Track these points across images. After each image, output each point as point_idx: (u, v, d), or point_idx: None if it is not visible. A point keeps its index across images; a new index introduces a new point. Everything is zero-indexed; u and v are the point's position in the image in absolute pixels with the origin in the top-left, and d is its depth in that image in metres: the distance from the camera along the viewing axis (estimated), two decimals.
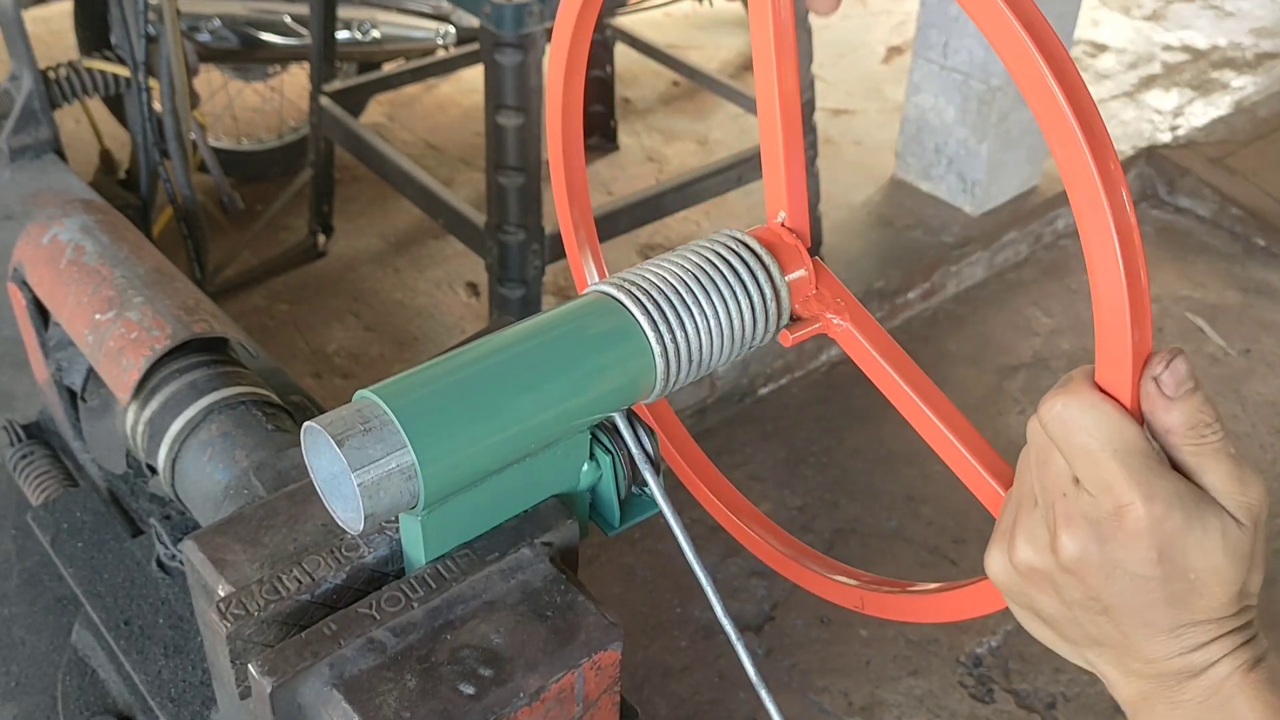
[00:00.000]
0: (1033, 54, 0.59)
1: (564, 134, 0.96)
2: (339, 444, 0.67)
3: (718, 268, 0.79)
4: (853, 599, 0.88)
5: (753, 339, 0.81)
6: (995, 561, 0.69)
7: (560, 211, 1.00)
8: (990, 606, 0.77)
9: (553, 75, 0.94)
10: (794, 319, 0.82)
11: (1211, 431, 0.62)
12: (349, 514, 0.71)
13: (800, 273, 0.82)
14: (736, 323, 0.79)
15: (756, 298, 0.79)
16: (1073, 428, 0.63)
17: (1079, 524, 0.63)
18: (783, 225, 0.83)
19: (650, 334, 0.75)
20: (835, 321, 0.82)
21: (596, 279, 1.00)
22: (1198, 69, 4.15)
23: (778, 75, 0.82)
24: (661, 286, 0.77)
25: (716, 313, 0.78)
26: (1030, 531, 0.66)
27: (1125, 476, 0.61)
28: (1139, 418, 0.62)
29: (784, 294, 0.80)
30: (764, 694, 0.79)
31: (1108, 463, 0.61)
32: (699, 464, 0.99)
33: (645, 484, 0.82)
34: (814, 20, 2.91)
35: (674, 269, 0.79)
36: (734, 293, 0.79)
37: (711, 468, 0.99)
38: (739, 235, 0.81)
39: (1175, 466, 0.63)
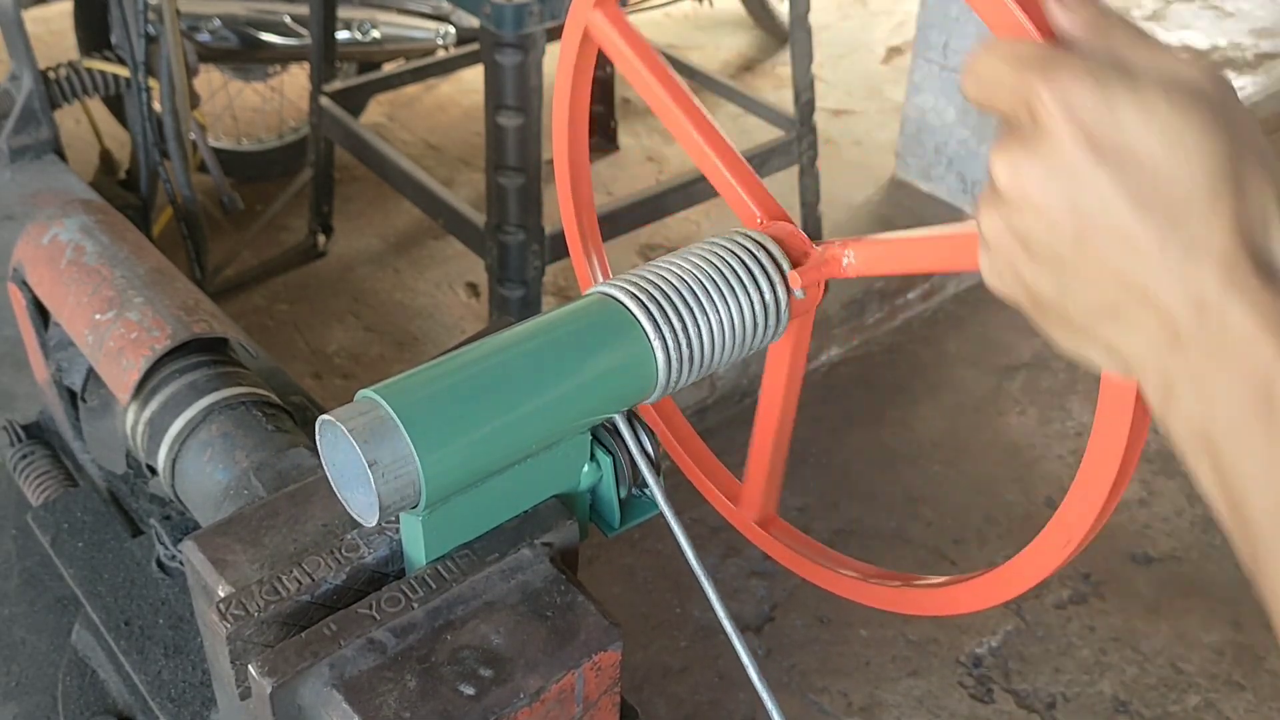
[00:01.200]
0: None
1: (570, 136, 0.96)
2: (356, 437, 0.67)
3: (722, 268, 0.79)
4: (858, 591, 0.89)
5: (757, 339, 0.81)
6: (983, 263, 0.61)
7: (565, 214, 1.00)
8: (1001, 597, 0.77)
9: (560, 77, 0.94)
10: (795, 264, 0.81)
11: (1117, 25, 0.53)
12: (363, 507, 0.71)
13: (809, 276, 0.81)
14: (740, 323, 0.79)
15: (758, 297, 0.79)
16: (975, 67, 0.54)
17: (1005, 144, 0.54)
18: (764, 223, 0.83)
19: (652, 335, 0.75)
20: (845, 261, 0.80)
21: (600, 281, 1.00)
22: None
23: (670, 96, 0.84)
24: (664, 287, 0.77)
25: (719, 313, 0.78)
26: (985, 200, 0.57)
27: (1019, 70, 0.52)
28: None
29: (785, 276, 0.80)
30: (765, 694, 0.79)
31: (1005, 70, 0.53)
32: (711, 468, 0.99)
33: (645, 485, 0.82)
34: (814, 21, 2.92)
35: (677, 269, 0.79)
36: (737, 292, 0.78)
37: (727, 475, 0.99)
38: (747, 233, 0.81)
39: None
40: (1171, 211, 0.50)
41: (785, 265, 0.80)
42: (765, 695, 0.79)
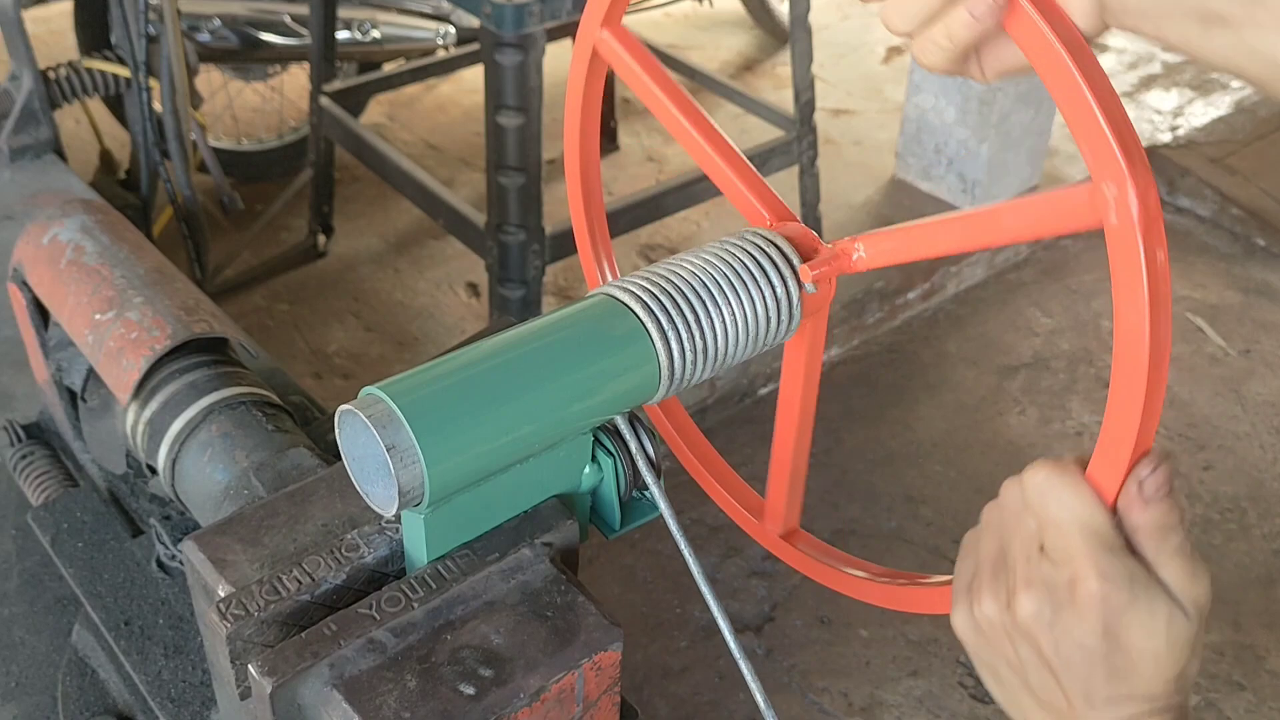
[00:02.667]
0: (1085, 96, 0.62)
1: (581, 150, 0.96)
2: (377, 427, 0.67)
3: (729, 269, 0.78)
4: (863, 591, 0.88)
5: (765, 338, 0.80)
6: (959, 616, 0.74)
7: (574, 212, 1.00)
8: None
9: (571, 94, 0.94)
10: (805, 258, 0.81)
11: (1174, 534, 0.68)
12: (382, 497, 0.71)
13: (820, 270, 0.81)
14: (748, 322, 0.78)
15: (768, 294, 0.79)
16: (1051, 498, 0.68)
17: (1038, 587, 0.68)
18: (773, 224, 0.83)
19: (656, 337, 0.75)
20: (856, 255, 0.81)
21: (609, 280, 1.00)
22: (1198, 69, 4.15)
23: (672, 103, 0.85)
24: (668, 289, 0.77)
25: (724, 314, 0.77)
26: (995, 589, 0.71)
27: (1086, 552, 0.66)
28: (1113, 507, 0.68)
29: (797, 274, 0.80)
30: (760, 698, 0.79)
31: (1074, 537, 0.67)
32: (715, 465, 0.99)
33: (646, 487, 0.82)
34: (814, 20, 2.92)
35: (683, 270, 0.78)
36: (744, 291, 0.78)
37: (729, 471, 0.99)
38: (756, 231, 0.81)
39: (1137, 555, 0.68)
40: (1134, 688, 0.67)
41: (795, 260, 0.80)
42: (761, 699, 0.79)
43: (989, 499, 0.74)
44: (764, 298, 0.79)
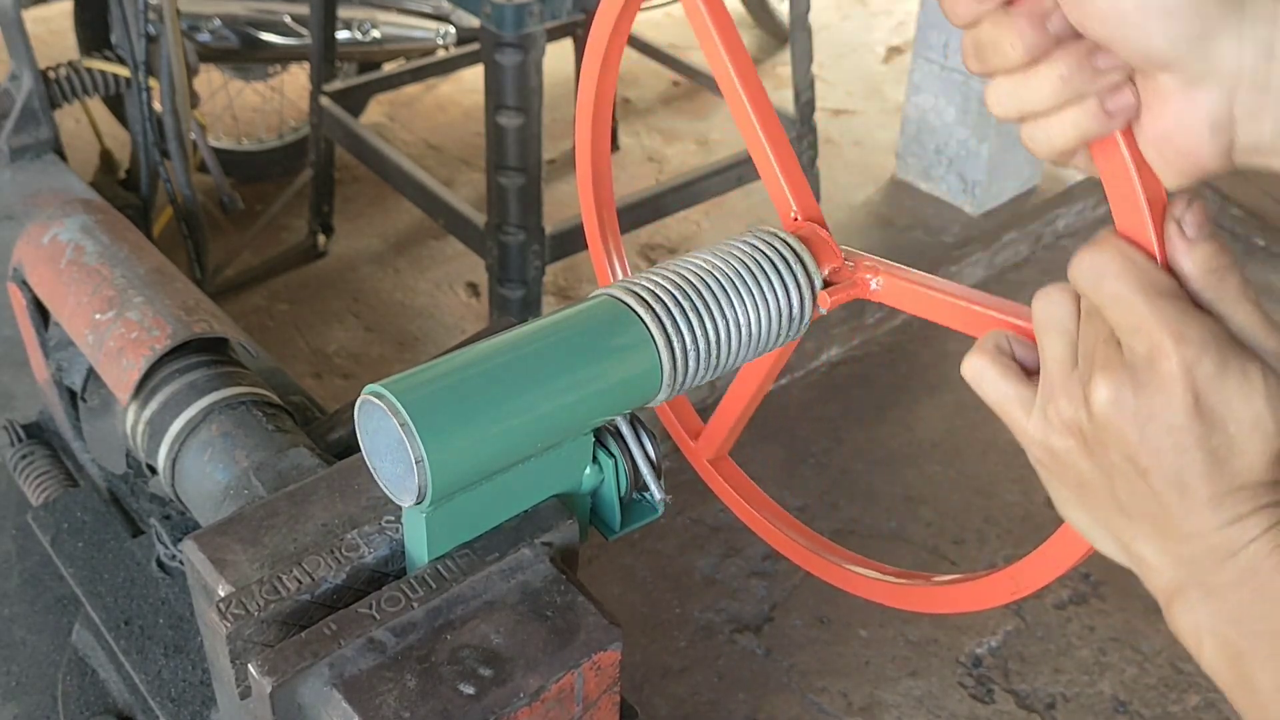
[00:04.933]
0: None
1: (593, 131, 0.96)
2: (398, 416, 0.67)
3: (747, 272, 0.78)
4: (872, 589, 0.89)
5: (771, 344, 0.80)
6: (1032, 431, 0.66)
7: (585, 209, 1.00)
8: (1005, 597, 0.77)
9: (587, 70, 0.94)
10: (827, 283, 0.81)
11: (1232, 274, 0.60)
12: (399, 486, 0.71)
13: (838, 296, 0.81)
14: (756, 330, 0.78)
15: (781, 306, 0.79)
16: (1103, 274, 0.60)
17: (1114, 370, 0.60)
18: (799, 220, 0.83)
19: (659, 339, 0.75)
20: (873, 285, 0.81)
21: (620, 277, 1.00)
22: None
23: (736, 74, 0.84)
24: (674, 292, 0.77)
25: (730, 319, 0.77)
26: (1068, 389, 0.63)
27: (1154, 316, 0.58)
28: (1165, 265, 0.61)
29: (817, 290, 0.80)
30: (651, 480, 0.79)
31: (1137, 303, 0.59)
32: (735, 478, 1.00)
33: (647, 488, 0.82)
34: (814, 20, 2.92)
35: (693, 273, 0.78)
36: (757, 299, 0.78)
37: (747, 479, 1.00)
38: (769, 231, 0.81)
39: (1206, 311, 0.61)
40: (1236, 476, 0.59)
41: (817, 279, 0.80)
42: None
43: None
44: (775, 306, 0.78)
